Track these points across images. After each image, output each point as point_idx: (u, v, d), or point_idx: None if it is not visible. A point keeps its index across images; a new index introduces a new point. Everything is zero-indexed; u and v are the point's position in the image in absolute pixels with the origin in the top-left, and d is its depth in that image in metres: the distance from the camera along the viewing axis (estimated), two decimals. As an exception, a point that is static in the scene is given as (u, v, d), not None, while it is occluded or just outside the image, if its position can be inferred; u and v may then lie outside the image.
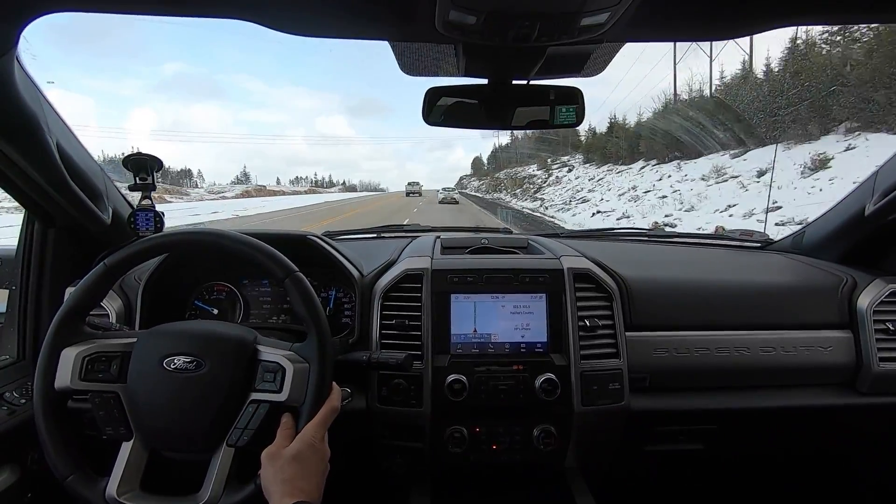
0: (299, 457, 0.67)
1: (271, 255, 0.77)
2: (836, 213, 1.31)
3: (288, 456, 0.67)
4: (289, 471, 0.66)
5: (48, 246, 1.07)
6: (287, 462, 0.66)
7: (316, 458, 0.69)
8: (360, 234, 1.59)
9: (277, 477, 0.65)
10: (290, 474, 0.65)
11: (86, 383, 0.72)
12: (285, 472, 0.66)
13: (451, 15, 0.59)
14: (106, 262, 0.76)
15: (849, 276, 1.19)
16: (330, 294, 1.18)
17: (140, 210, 0.90)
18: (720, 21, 0.69)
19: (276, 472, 0.66)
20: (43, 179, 0.90)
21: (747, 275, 1.25)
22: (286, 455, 0.67)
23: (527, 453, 1.04)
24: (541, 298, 1.05)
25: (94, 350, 0.73)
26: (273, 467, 0.66)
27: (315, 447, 0.69)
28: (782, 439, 1.24)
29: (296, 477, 0.65)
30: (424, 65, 0.85)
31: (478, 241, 1.32)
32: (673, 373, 1.10)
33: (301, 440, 0.69)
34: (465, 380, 0.99)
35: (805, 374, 1.12)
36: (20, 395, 0.94)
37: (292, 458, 0.67)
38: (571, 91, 0.90)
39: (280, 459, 0.67)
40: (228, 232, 0.79)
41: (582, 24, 0.61)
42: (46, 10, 0.63)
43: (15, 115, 0.78)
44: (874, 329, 1.10)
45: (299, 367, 0.73)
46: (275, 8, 0.63)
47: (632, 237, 1.71)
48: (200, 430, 0.71)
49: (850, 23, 0.75)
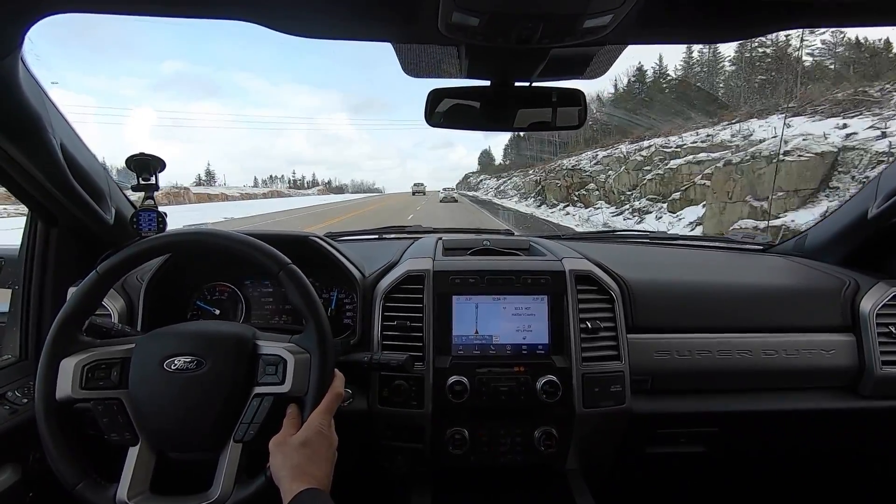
0: (308, 443, 0.68)
1: (263, 249, 0.77)
2: (838, 215, 1.31)
3: (296, 443, 0.67)
4: (297, 457, 0.66)
5: (51, 246, 1.07)
6: (295, 448, 0.67)
7: (324, 444, 0.69)
8: (362, 235, 1.60)
9: (287, 463, 0.66)
10: (298, 460, 0.66)
11: (87, 392, 0.72)
12: (294, 458, 0.66)
13: (454, 17, 0.59)
14: (98, 270, 0.76)
15: (851, 279, 1.19)
16: (332, 295, 1.19)
17: (143, 210, 0.90)
18: (723, 24, 0.69)
19: (284, 458, 0.66)
20: (46, 179, 0.90)
21: (749, 277, 1.25)
22: (294, 442, 0.67)
23: (528, 455, 1.04)
24: (542, 300, 1.05)
25: (92, 358, 0.73)
26: (282, 454, 0.67)
27: (323, 433, 0.70)
28: (784, 442, 1.24)
29: (305, 463, 0.66)
30: (427, 66, 0.85)
31: (479, 243, 1.32)
32: (674, 375, 1.10)
33: (308, 427, 0.69)
34: (467, 381, 0.99)
35: (807, 377, 1.12)
36: (22, 395, 0.94)
37: (300, 445, 0.67)
38: (573, 93, 0.90)
39: (288, 446, 0.67)
40: (219, 230, 0.79)
41: (585, 27, 0.61)
42: (50, 12, 0.63)
43: (19, 116, 0.78)
44: (877, 332, 1.10)
45: (300, 357, 0.73)
46: (276, 9, 0.63)
47: (633, 239, 1.71)
48: (206, 428, 0.71)
49: (851, 25, 0.75)
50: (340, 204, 37.26)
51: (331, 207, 30.68)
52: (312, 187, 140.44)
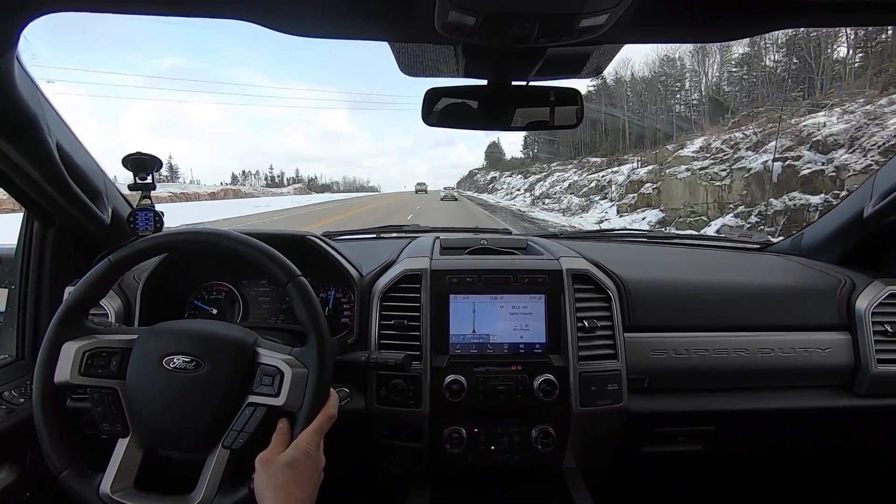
0: (293, 464, 0.67)
1: (274, 257, 0.77)
2: (834, 214, 1.31)
3: (282, 463, 0.66)
4: (282, 477, 0.65)
5: (47, 245, 1.07)
6: (280, 469, 0.66)
7: (310, 466, 0.68)
8: (360, 234, 1.60)
9: (270, 483, 0.65)
10: (282, 481, 0.65)
11: (85, 378, 0.72)
12: (278, 478, 0.65)
13: (451, 16, 0.59)
14: (110, 259, 0.76)
15: (847, 277, 1.19)
16: (329, 294, 1.19)
17: (140, 210, 0.90)
18: (719, 23, 0.69)
19: (269, 477, 0.65)
20: (42, 179, 0.90)
21: (746, 276, 1.26)
22: (280, 461, 0.66)
23: (525, 454, 1.04)
24: (540, 299, 1.05)
25: (94, 345, 0.73)
26: (266, 473, 0.66)
27: (310, 455, 0.68)
28: (780, 441, 1.24)
29: (288, 484, 0.65)
30: (424, 65, 0.85)
31: (477, 242, 1.32)
32: (671, 374, 1.10)
33: (296, 447, 0.68)
34: (464, 380, 0.99)
35: (803, 375, 1.12)
36: (19, 395, 0.94)
37: (286, 465, 0.66)
38: (570, 92, 0.91)
39: (273, 465, 0.66)
40: (231, 232, 0.79)
41: (581, 26, 0.61)
42: (47, 10, 0.63)
43: (15, 115, 0.78)
44: (872, 331, 1.10)
45: (298, 371, 0.73)
46: (274, 8, 0.63)
47: (630, 238, 1.71)
48: (197, 430, 0.71)
49: (848, 24, 0.75)
50: (307, 208, 28.69)
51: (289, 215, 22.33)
52: (291, 185, 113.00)
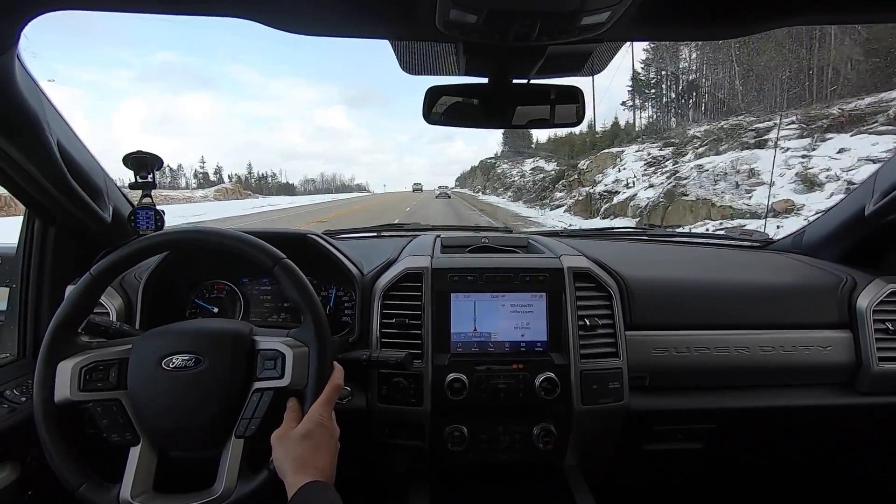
0: (309, 434, 0.68)
1: (257, 245, 0.77)
2: (836, 212, 1.31)
3: (297, 435, 0.67)
4: (300, 449, 0.66)
5: (48, 244, 1.06)
6: (297, 441, 0.67)
7: (325, 434, 0.69)
8: (360, 233, 1.59)
9: (289, 456, 0.66)
10: (301, 452, 0.66)
11: (86, 393, 0.71)
12: (296, 450, 0.66)
13: (452, 14, 0.59)
14: (92, 272, 0.76)
15: (848, 275, 1.19)
16: (330, 293, 1.18)
17: (140, 208, 0.90)
18: (721, 20, 0.69)
19: (287, 451, 0.66)
20: (43, 177, 0.90)
21: (747, 274, 1.25)
22: (295, 434, 0.68)
23: (526, 452, 1.04)
24: (541, 297, 1.05)
25: (90, 360, 0.73)
26: (283, 447, 0.67)
27: (324, 425, 0.70)
28: (781, 439, 1.24)
29: (307, 455, 0.66)
30: (425, 64, 0.85)
31: (478, 240, 1.32)
32: (672, 372, 1.10)
33: (309, 419, 0.69)
34: (465, 378, 0.99)
35: (804, 373, 1.12)
36: (20, 393, 0.94)
37: (302, 437, 0.67)
38: (572, 90, 0.90)
39: (289, 439, 0.67)
40: (212, 228, 0.79)
41: (582, 23, 0.60)
42: (47, 8, 0.63)
43: (15, 113, 0.78)
44: (873, 329, 1.10)
45: (298, 350, 0.74)
46: (274, 6, 0.63)
47: (632, 236, 1.71)
48: (206, 426, 0.71)
49: (850, 22, 0.74)
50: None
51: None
52: (215, 185, 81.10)
